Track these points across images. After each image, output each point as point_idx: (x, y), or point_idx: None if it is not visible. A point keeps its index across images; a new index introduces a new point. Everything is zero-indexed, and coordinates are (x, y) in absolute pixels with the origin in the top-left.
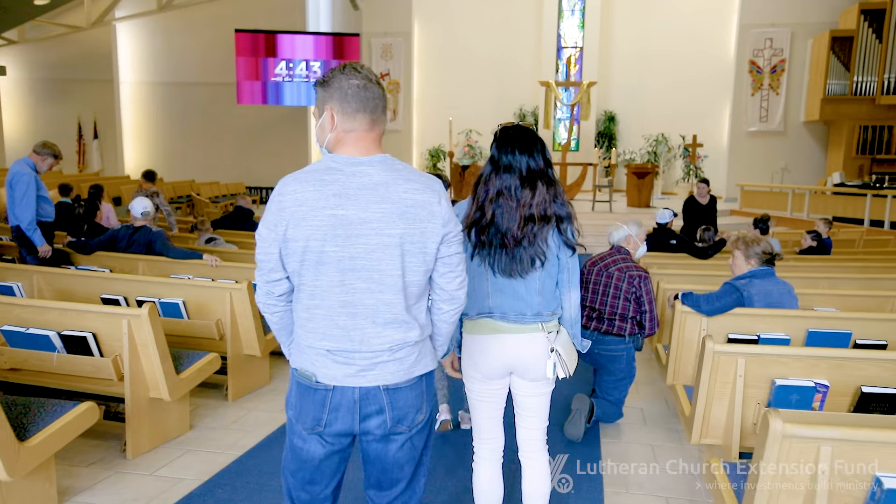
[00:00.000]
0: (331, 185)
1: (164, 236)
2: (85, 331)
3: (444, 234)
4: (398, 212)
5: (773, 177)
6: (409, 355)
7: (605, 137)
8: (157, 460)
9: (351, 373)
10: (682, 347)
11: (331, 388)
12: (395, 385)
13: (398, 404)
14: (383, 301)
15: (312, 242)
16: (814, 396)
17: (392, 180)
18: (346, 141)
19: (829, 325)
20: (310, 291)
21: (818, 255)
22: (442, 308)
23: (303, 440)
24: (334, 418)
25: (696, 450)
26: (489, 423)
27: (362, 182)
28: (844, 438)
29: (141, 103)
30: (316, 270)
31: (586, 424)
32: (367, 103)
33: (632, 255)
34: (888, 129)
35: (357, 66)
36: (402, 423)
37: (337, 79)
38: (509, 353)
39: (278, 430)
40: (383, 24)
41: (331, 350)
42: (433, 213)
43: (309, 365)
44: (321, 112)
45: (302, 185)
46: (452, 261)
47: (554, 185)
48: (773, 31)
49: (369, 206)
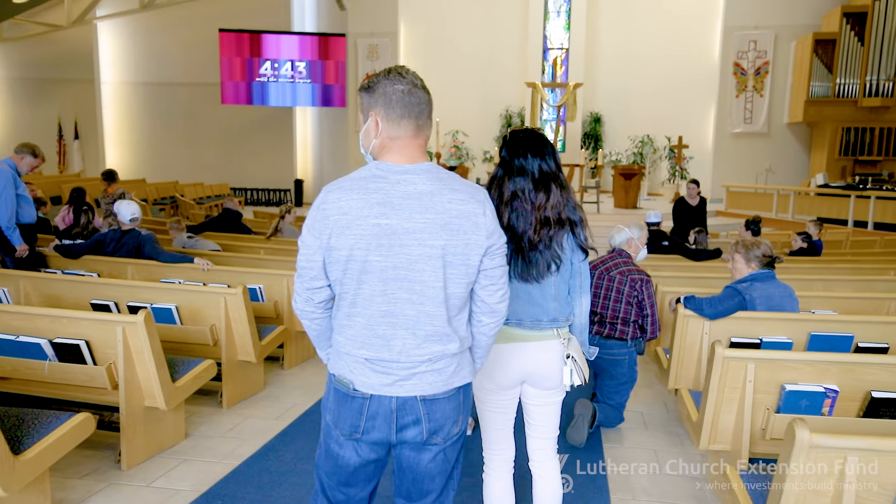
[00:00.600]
0: (375, 193)
1: (153, 239)
2: (78, 338)
3: (488, 247)
4: (442, 222)
5: (758, 178)
6: (447, 366)
7: (592, 139)
8: (153, 471)
9: (388, 382)
10: (684, 351)
11: (368, 396)
12: (433, 396)
13: (435, 416)
14: (424, 312)
15: (356, 251)
16: (823, 401)
17: (437, 190)
18: (390, 148)
19: (831, 329)
20: (351, 300)
21: (808, 256)
22: (482, 321)
23: (339, 445)
24: (371, 426)
25: (699, 454)
26: (501, 433)
27: (407, 191)
28: (871, 448)
29: (123, 103)
30: (359, 279)
31: (589, 429)
32: (411, 109)
33: (633, 259)
34: (870, 130)
35: (402, 71)
36: (437, 435)
37: (381, 84)
38: (525, 361)
39: (276, 438)
40: (369, 24)
41: (369, 359)
42: (477, 225)
43: (347, 372)
44: (365, 118)
45: (346, 192)
46: (495, 273)
47: (567, 188)
48: (757, 33)
49: (413, 216)
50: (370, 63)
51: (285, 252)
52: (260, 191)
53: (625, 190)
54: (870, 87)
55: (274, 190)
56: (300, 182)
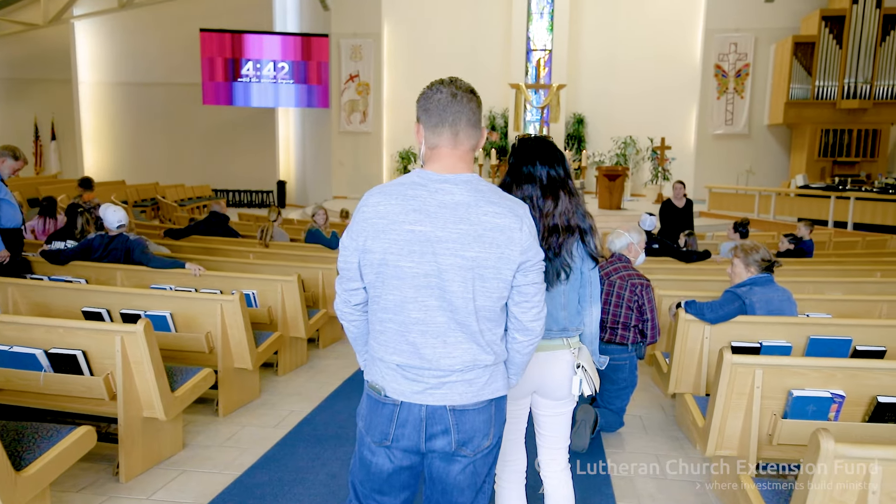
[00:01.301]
0: (413, 200)
1: (143, 244)
2: (74, 348)
3: (522, 262)
4: (475, 234)
5: (739, 179)
6: (479, 377)
7: (575, 140)
8: (153, 482)
9: (419, 390)
10: (685, 356)
11: (398, 403)
12: (463, 407)
13: (464, 427)
14: (455, 321)
15: (389, 256)
16: (830, 407)
17: (474, 201)
18: (431, 157)
19: (830, 332)
20: (384, 305)
21: (796, 258)
22: (516, 338)
23: (372, 453)
24: (401, 434)
25: (701, 458)
26: (511, 444)
27: (443, 200)
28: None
29: (101, 104)
30: (391, 284)
31: (591, 434)
32: (446, 117)
33: (632, 263)
34: (848, 132)
35: (446, 81)
36: (466, 447)
37: (425, 94)
38: (535, 372)
39: (276, 447)
40: (353, 24)
41: (400, 365)
42: (512, 239)
43: (379, 378)
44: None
45: (386, 197)
46: (529, 290)
47: (576, 196)
48: (738, 35)
49: (447, 225)
50: (353, 64)
51: (277, 256)
52: (242, 192)
53: (609, 191)
54: (848, 89)
55: (256, 191)
56: (283, 183)
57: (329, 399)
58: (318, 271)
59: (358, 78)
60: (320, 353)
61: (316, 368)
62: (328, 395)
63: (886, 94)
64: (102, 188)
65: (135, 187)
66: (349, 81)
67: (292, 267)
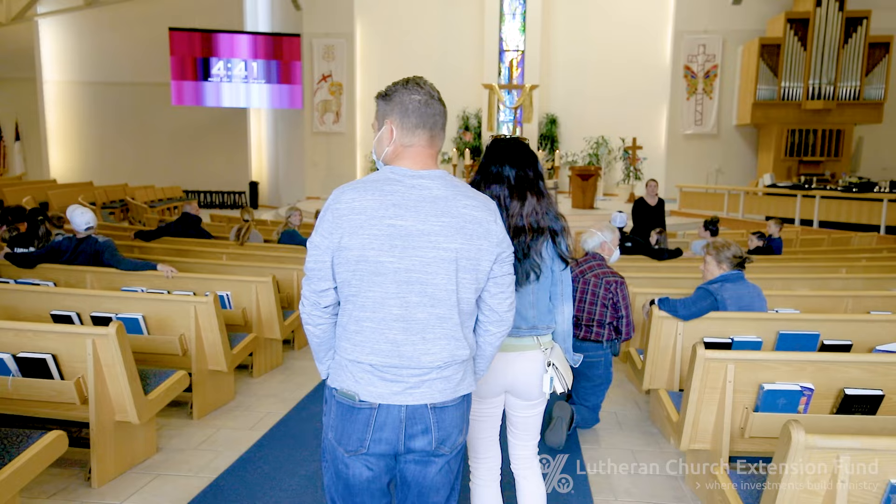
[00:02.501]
0: (390, 195)
1: (112, 246)
2: (44, 352)
3: (499, 254)
4: (457, 226)
5: (708, 178)
6: (455, 373)
7: (548, 140)
8: (126, 487)
9: (398, 390)
10: (659, 352)
11: (376, 406)
12: (443, 404)
13: (444, 424)
14: (436, 316)
15: (369, 252)
16: (799, 399)
17: (452, 195)
18: (404, 155)
19: (798, 327)
20: (361, 303)
21: (765, 255)
22: (489, 330)
23: (346, 465)
24: (379, 438)
25: (675, 453)
26: (485, 442)
27: (422, 195)
28: (863, 447)
29: (67, 104)
30: (370, 281)
31: (567, 431)
32: (427, 119)
33: (606, 261)
34: (813, 132)
35: (420, 82)
36: (445, 444)
37: (399, 93)
38: (507, 373)
39: (252, 449)
40: (325, 24)
41: (376, 365)
42: (489, 231)
43: (351, 384)
44: (380, 124)
45: (361, 193)
46: (504, 281)
47: (546, 197)
48: (706, 37)
49: (428, 219)
50: (326, 64)
51: (251, 257)
52: (214, 193)
53: (582, 190)
54: (812, 90)
55: (228, 192)
56: (255, 184)
57: (305, 400)
58: (292, 272)
59: (331, 78)
60: (296, 355)
61: (291, 370)
62: (304, 396)
63: (849, 95)
64: (69, 190)
65: (103, 188)
66: (322, 82)
67: (266, 268)
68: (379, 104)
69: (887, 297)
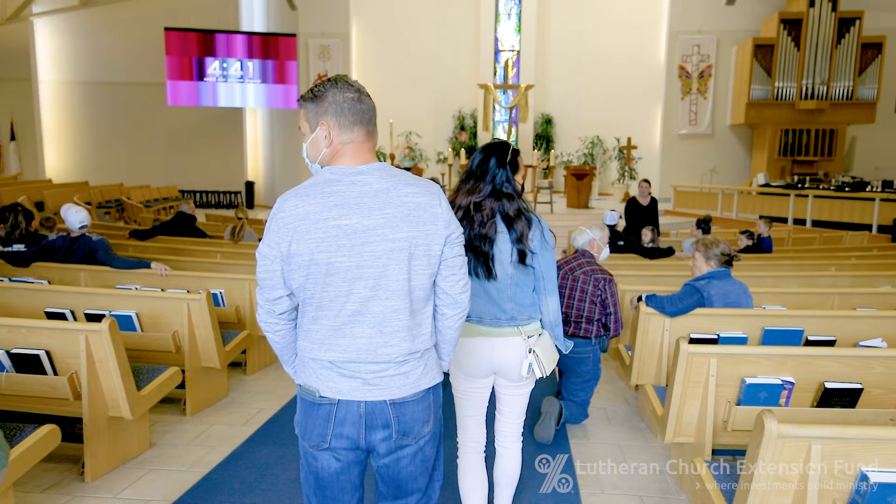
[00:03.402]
0: (332, 196)
1: (106, 245)
2: (37, 348)
3: (448, 236)
4: (402, 215)
5: (703, 177)
6: (415, 368)
7: (543, 140)
8: (119, 482)
9: (356, 386)
10: (646, 348)
11: (335, 401)
12: (402, 399)
13: (404, 418)
14: (390, 308)
15: (318, 255)
16: (780, 393)
17: (393, 186)
18: (343, 152)
19: (783, 323)
20: (317, 304)
21: (755, 253)
22: (446, 313)
23: (314, 458)
24: (339, 434)
25: (662, 448)
26: (472, 420)
27: (363, 191)
28: (834, 436)
29: (63, 104)
30: (323, 282)
31: (556, 426)
32: (362, 115)
33: (596, 259)
34: (807, 132)
35: (349, 80)
36: (408, 436)
37: (330, 93)
38: (491, 355)
39: (244, 445)
40: (320, 24)
41: (334, 361)
42: (435, 215)
43: (313, 380)
44: (313, 127)
45: (303, 199)
46: (455, 263)
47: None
48: (701, 37)
49: (372, 213)
50: (321, 64)
51: (245, 256)
52: (209, 193)
53: (577, 190)
54: (806, 90)
55: (224, 192)
56: (251, 184)
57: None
58: None
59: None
60: None
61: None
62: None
63: (842, 95)
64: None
65: (98, 188)
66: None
67: None
68: (308, 107)
69: (874, 295)
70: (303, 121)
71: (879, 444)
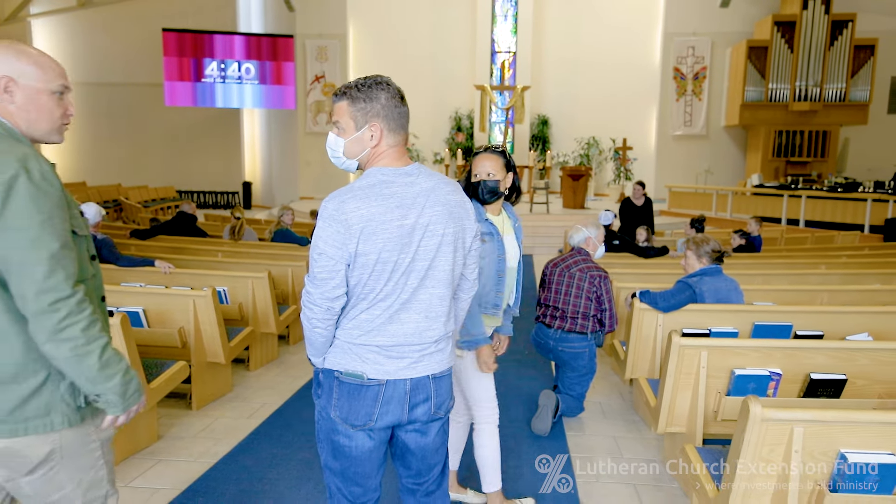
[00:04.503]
0: (391, 198)
1: (111, 243)
2: None
3: (476, 229)
4: (447, 212)
5: (698, 178)
6: (447, 346)
7: (540, 140)
8: (130, 471)
9: (403, 366)
10: (640, 342)
11: (384, 382)
12: (441, 374)
13: (441, 391)
14: (437, 295)
15: (385, 254)
16: (768, 384)
17: (436, 185)
18: (386, 154)
19: (772, 319)
20: (374, 296)
21: (747, 252)
22: (461, 297)
23: (349, 438)
24: (386, 411)
25: (655, 439)
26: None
27: (416, 191)
28: (815, 420)
29: None
30: (385, 278)
31: (552, 419)
32: (405, 120)
33: (591, 256)
34: (800, 133)
35: (389, 81)
36: (441, 409)
37: (384, 96)
38: None
39: (250, 436)
40: (318, 25)
41: (381, 346)
42: (468, 211)
43: (358, 364)
44: (359, 126)
45: (364, 201)
46: (476, 253)
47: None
48: (695, 39)
49: (425, 211)
50: (319, 65)
51: (246, 254)
52: (207, 193)
53: (573, 190)
54: (799, 92)
55: (221, 192)
56: (249, 184)
57: (301, 391)
58: (287, 269)
59: (324, 79)
60: (291, 350)
61: (287, 364)
62: (299, 388)
63: (835, 97)
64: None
65: (96, 188)
66: (315, 82)
67: (262, 265)
68: (355, 105)
69: (862, 292)
70: (345, 116)
71: (858, 426)
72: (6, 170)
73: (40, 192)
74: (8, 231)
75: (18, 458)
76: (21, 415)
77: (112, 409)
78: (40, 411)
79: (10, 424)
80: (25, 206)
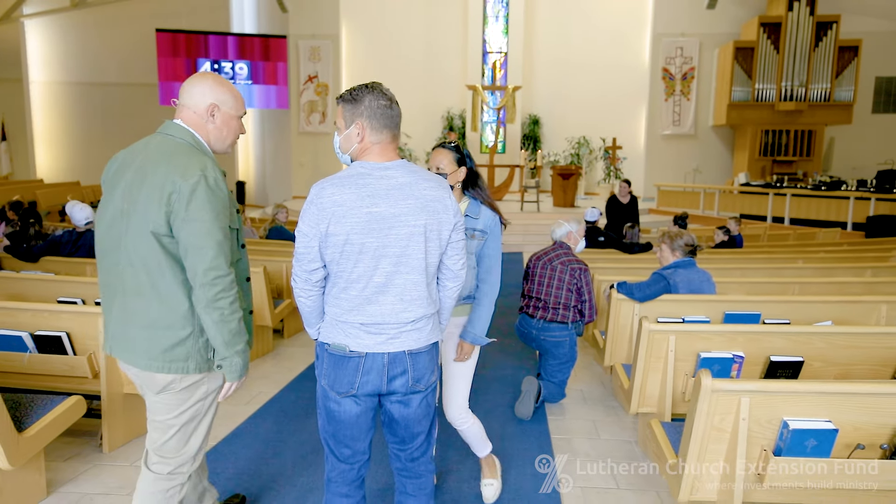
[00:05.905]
0: (365, 187)
1: None
2: (59, 330)
3: (455, 223)
4: (421, 206)
5: (686, 177)
6: (426, 326)
7: (531, 140)
8: (134, 452)
9: (381, 341)
10: (618, 330)
11: (363, 354)
12: (417, 350)
13: (418, 366)
14: (411, 281)
15: (353, 236)
16: (732, 366)
17: (414, 181)
18: (372, 150)
19: (742, 308)
20: (347, 276)
21: (728, 248)
22: (447, 285)
23: (338, 404)
24: (366, 381)
25: (632, 422)
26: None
27: (390, 183)
28: (759, 390)
29: (54, 104)
30: (356, 259)
31: (534, 404)
32: (391, 121)
33: (573, 250)
34: (786, 132)
35: (383, 88)
36: (420, 382)
37: (367, 98)
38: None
39: (247, 421)
40: (311, 26)
41: (364, 323)
42: (446, 206)
43: (342, 338)
44: (347, 124)
45: (339, 188)
46: (459, 245)
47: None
48: (684, 40)
49: (398, 203)
50: (312, 65)
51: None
52: None
53: (563, 189)
54: (785, 92)
55: None
56: (242, 184)
57: (295, 381)
58: (282, 264)
59: (317, 79)
60: (285, 343)
61: (282, 356)
62: (294, 378)
63: (820, 97)
64: (56, 189)
65: (90, 188)
66: (308, 82)
67: (257, 261)
68: (345, 107)
69: (831, 283)
70: (339, 117)
71: (797, 395)
72: (192, 176)
73: (213, 195)
74: (191, 222)
75: (153, 382)
76: (169, 356)
77: (230, 375)
78: (181, 356)
79: (160, 362)
80: (203, 205)
